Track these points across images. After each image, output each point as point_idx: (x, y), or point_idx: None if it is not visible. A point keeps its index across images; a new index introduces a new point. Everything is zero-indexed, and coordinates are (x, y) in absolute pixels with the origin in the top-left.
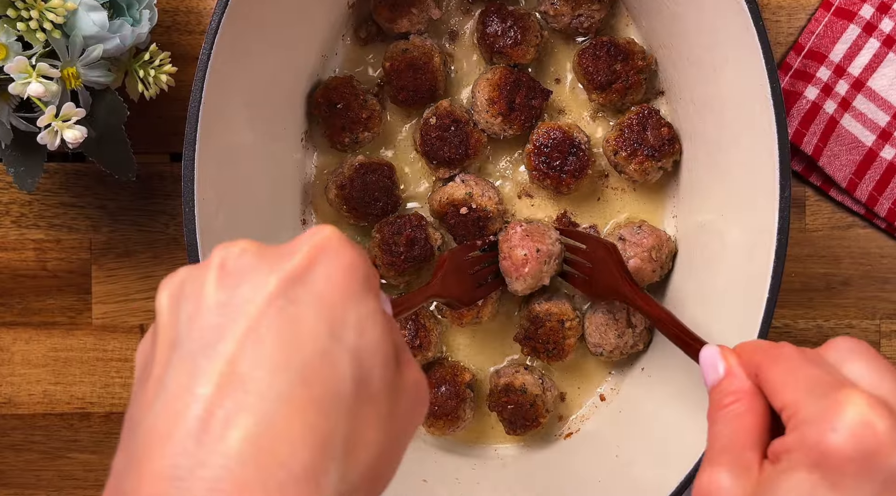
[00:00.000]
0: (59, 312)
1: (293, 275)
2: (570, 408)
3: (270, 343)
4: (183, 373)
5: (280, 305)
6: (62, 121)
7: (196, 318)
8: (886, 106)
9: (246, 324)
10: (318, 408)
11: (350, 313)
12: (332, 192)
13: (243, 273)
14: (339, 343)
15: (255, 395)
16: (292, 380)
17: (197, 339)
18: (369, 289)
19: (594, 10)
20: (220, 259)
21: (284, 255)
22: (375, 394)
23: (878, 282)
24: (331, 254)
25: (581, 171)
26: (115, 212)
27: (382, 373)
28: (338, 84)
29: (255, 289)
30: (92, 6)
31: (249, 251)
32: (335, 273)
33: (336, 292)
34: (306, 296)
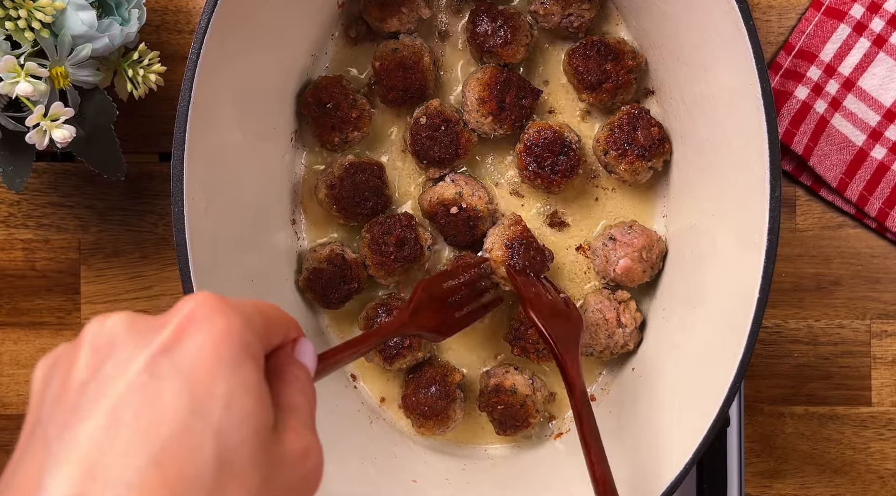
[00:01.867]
0: (47, 312)
1: (161, 349)
2: (561, 409)
3: (128, 425)
4: (35, 459)
5: (143, 382)
6: (51, 120)
7: (59, 399)
8: (877, 105)
9: (107, 405)
10: (172, 492)
11: (218, 386)
12: (322, 192)
13: (112, 348)
14: (201, 420)
15: (102, 484)
16: (145, 464)
17: (56, 423)
18: (244, 359)
19: (584, 10)
20: (92, 335)
21: (155, 328)
22: (242, 470)
23: (869, 282)
24: (202, 322)
25: (571, 170)
26: (103, 211)
27: (251, 448)
28: (327, 83)
29: (120, 367)
30: (80, 5)
31: (121, 325)
32: (204, 344)
33: (203, 364)
34: (171, 370)
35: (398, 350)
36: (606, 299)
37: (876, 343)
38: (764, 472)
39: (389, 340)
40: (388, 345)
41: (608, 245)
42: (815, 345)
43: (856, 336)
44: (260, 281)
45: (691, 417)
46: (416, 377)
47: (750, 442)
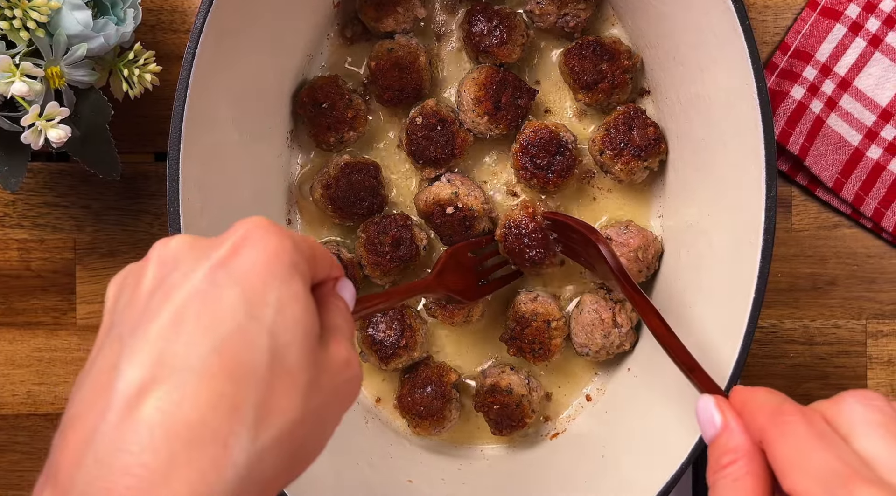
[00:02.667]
0: (43, 312)
1: (219, 262)
2: (557, 409)
3: (192, 322)
4: (111, 352)
5: (204, 289)
6: (46, 120)
7: (130, 305)
8: (873, 105)
9: (172, 307)
10: (229, 376)
11: (270, 294)
12: (318, 192)
13: (176, 262)
14: (255, 320)
15: (170, 368)
16: (206, 353)
17: (128, 322)
18: (294, 274)
19: (580, 10)
20: (157, 253)
21: (214, 246)
22: (292, 367)
23: (865, 282)
24: (255, 242)
25: (567, 170)
26: (99, 211)
27: (301, 348)
28: (323, 83)
29: (184, 276)
30: (76, 5)
31: (184, 243)
32: (258, 259)
33: (257, 276)
34: (228, 280)
35: (394, 350)
36: (602, 299)
37: (872, 343)
38: None
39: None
40: (384, 345)
41: None
42: (811, 345)
43: (852, 336)
44: None
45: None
46: (411, 377)
47: None
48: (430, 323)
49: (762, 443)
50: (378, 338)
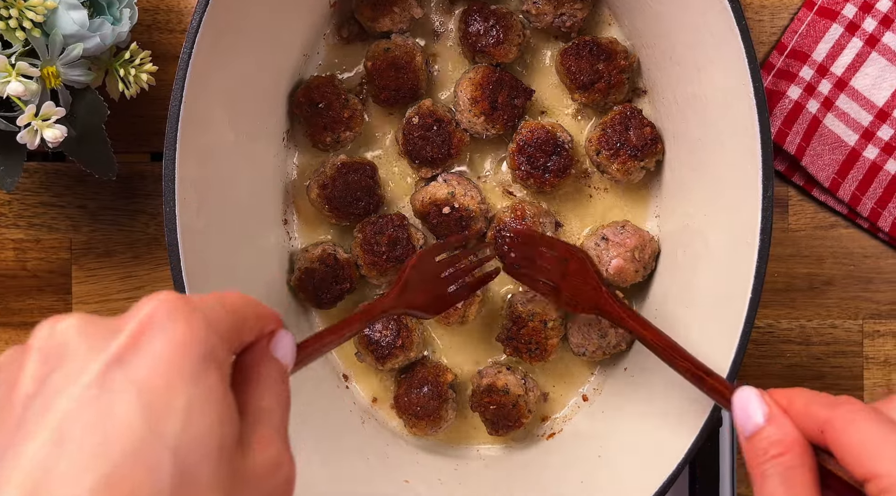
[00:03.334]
0: (38, 312)
1: (115, 357)
2: (553, 409)
3: (75, 443)
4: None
5: (94, 395)
6: (42, 120)
7: (4, 411)
8: (869, 105)
9: (54, 421)
10: None
11: (176, 398)
12: (314, 192)
13: (63, 356)
14: (156, 436)
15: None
16: (95, 486)
17: (6, 438)
18: (207, 367)
19: (576, 10)
20: (42, 340)
21: (111, 333)
22: (203, 490)
23: (861, 282)
24: (161, 328)
25: (564, 170)
26: (95, 211)
27: (214, 465)
28: (319, 83)
29: (69, 378)
30: (72, 5)
31: (73, 329)
32: (162, 352)
33: (160, 375)
34: (125, 383)
35: (390, 350)
36: None
37: (868, 343)
38: None
39: (374, 323)
40: (381, 345)
41: (600, 245)
42: (808, 345)
43: (848, 336)
44: (251, 281)
45: (683, 417)
46: (408, 377)
47: None
48: (427, 323)
49: (825, 433)
50: (374, 339)
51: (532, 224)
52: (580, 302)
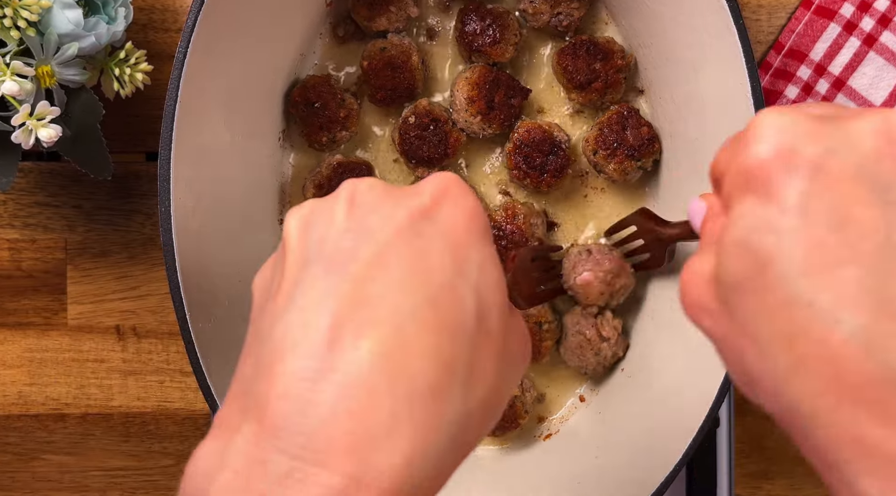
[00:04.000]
0: (34, 313)
1: (420, 212)
2: (550, 410)
3: (399, 269)
4: (314, 288)
5: (408, 237)
6: (37, 119)
7: (326, 241)
8: (867, 105)
9: (375, 249)
10: (446, 331)
11: (473, 253)
12: (310, 192)
13: (372, 205)
14: (463, 278)
15: (385, 312)
16: (422, 303)
17: (327, 259)
18: (488, 236)
19: (573, 9)
20: (349, 193)
21: (410, 194)
22: (492, 331)
23: None
24: (455, 198)
25: (561, 170)
26: (90, 211)
27: (499, 312)
28: (315, 83)
29: (384, 220)
30: (67, 4)
31: (377, 186)
32: (459, 215)
33: (460, 232)
34: (433, 232)
35: None
36: (581, 317)
37: None
38: (754, 473)
39: None
40: None
41: (582, 254)
42: None
43: None
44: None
45: (681, 418)
46: None
47: (740, 443)
48: None
49: None
50: None
51: (523, 224)
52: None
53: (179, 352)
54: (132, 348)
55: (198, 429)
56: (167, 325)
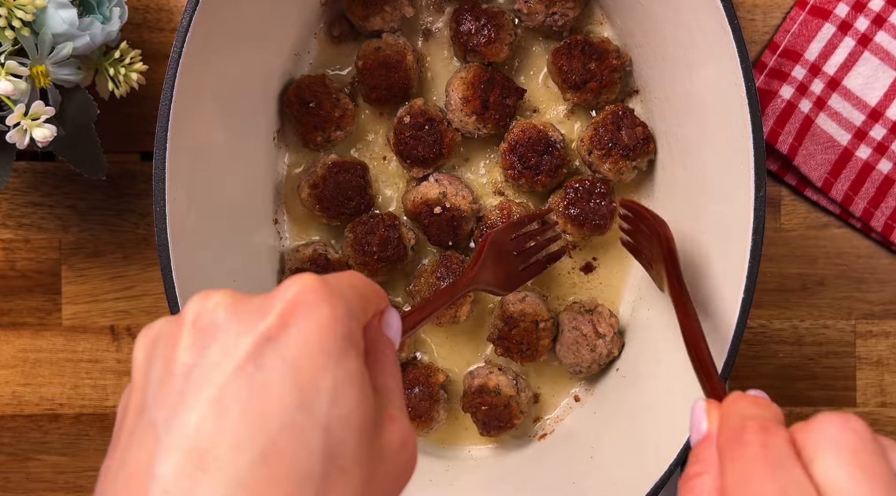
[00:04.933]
0: (28, 313)
1: (266, 336)
2: (545, 409)
3: (235, 415)
4: (145, 445)
5: (249, 372)
6: (31, 119)
7: (164, 383)
8: (862, 105)
9: (212, 392)
10: (282, 489)
11: (324, 379)
12: (305, 192)
13: (216, 331)
14: (308, 415)
15: (213, 476)
16: (255, 459)
17: (162, 407)
18: (348, 349)
19: (568, 9)
20: (194, 314)
21: (260, 311)
22: (348, 466)
23: (854, 283)
24: (307, 310)
25: (556, 170)
26: (85, 211)
27: (357, 443)
28: (310, 82)
29: (225, 352)
30: (61, 3)
31: (223, 306)
32: (310, 333)
33: (309, 356)
34: (277, 361)
35: None
36: (578, 313)
37: (861, 343)
38: None
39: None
40: None
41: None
42: (800, 345)
43: (841, 336)
44: (242, 281)
45: (676, 417)
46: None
47: None
48: None
49: (721, 462)
50: None
51: None
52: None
53: None
54: (126, 348)
55: None
56: None
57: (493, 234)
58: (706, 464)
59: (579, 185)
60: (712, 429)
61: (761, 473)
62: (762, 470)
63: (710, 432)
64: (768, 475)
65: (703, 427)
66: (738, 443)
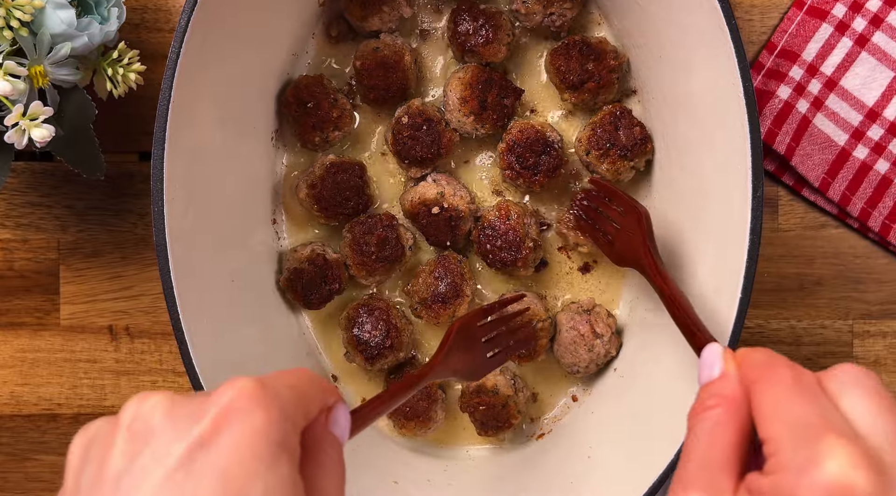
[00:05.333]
0: (26, 313)
1: (198, 442)
2: (542, 409)
3: None
4: None
5: (178, 480)
6: (30, 119)
7: (94, 488)
8: (859, 105)
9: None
10: None
11: (254, 486)
12: (303, 192)
13: (149, 436)
14: None
15: None
16: None
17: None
18: (281, 455)
19: (566, 9)
20: (131, 417)
21: (194, 416)
22: None
23: (851, 283)
24: (240, 415)
25: (554, 170)
26: (83, 211)
27: None
28: (308, 83)
29: (156, 459)
30: (59, 4)
31: (159, 409)
32: (242, 438)
33: (240, 462)
34: (208, 468)
35: (379, 350)
36: (576, 314)
37: (858, 343)
38: None
39: (420, 385)
40: (370, 346)
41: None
42: (798, 345)
43: (838, 336)
44: (241, 281)
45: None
46: (397, 378)
47: None
48: (416, 323)
49: (750, 394)
50: (363, 339)
51: (516, 224)
52: (627, 256)
53: (172, 352)
54: (125, 348)
55: None
56: (160, 325)
57: (459, 321)
58: (720, 399)
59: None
60: (729, 370)
61: (799, 399)
62: (799, 397)
63: (726, 372)
64: (807, 400)
65: (717, 368)
66: (771, 376)
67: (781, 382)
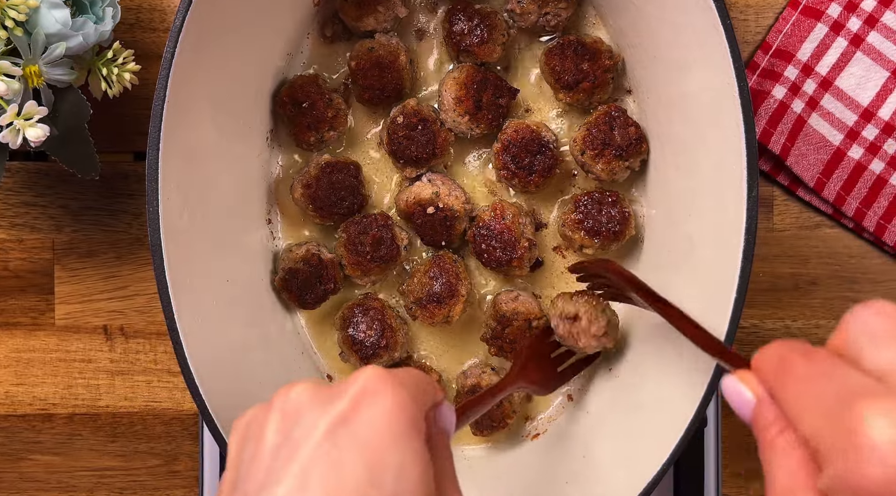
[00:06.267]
0: (21, 313)
1: (340, 418)
2: (538, 409)
3: (315, 488)
4: None
5: (325, 449)
6: (24, 119)
7: (255, 460)
8: (854, 105)
9: (297, 468)
10: None
11: (391, 457)
12: (298, 192)
13: (298, 415)
14: (377, 489)
15: None
16: None
17: (253, 481)
18: (412, 431)
19: (561, 9)
20: (281, 402)
21: (334, 397)
22: None
23: (846, 282)
24: (374, 397)
25: (549, 170)
26: (78, 211)
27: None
28: (303, 82)
29: (306, 433)
30: (54, 3)
31: (305, 393)
32: (378, 417)
33: (377, 436)
34: (349, 440)
35: (374, 350)
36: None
37: None
38: (741, 473)
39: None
40: (365, 345)
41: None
42: None
43: None
44: (236, 281)
45: (668, 418)
46: None
47: (727, 442)
48: (411, 323)
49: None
50: (358, 339)
51: (511, 224)
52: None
53: (167, 352)
54: (120, 348)
55: (185, 429)
56: (155, 325)
57: (530, 339)
58: (778, 424)
59: (588, 198)
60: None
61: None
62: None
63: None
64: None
65: (748, 395)
66: (782, 374)
67: (794, 375)
